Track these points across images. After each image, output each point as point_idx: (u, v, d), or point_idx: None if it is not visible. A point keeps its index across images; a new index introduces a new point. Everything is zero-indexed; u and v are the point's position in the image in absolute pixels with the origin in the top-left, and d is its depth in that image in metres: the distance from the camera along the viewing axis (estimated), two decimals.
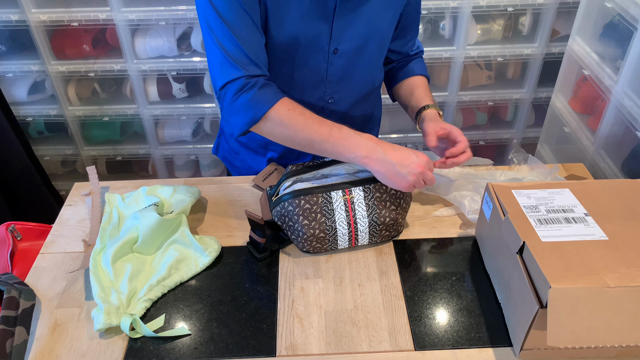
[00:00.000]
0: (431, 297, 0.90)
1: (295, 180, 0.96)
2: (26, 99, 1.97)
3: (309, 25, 0.97)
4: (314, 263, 0.96)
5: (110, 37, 1.89)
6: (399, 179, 0.90)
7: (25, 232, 1.06)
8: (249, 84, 0.92)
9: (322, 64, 1.04)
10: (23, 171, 1.89)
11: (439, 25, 1.91)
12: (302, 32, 0.98)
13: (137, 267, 0.92)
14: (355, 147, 0.91)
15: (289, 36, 0.98)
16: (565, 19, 1.90)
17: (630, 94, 1.30)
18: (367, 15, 1.00)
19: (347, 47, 1.03)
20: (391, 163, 0.90)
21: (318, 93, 1.08)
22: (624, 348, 0.76)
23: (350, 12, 0.98)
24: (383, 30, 1.05)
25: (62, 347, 0.82)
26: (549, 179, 1.10)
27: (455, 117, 2.13)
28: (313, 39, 0.99)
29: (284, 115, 0.92)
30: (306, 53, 1.01)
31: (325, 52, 1.02)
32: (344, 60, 1.04)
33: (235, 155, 1.27)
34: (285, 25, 0.96)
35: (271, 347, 0.82)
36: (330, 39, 1.00)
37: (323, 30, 0.99)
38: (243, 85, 0.92)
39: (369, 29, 1.02)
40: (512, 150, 1.20)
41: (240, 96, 0.93)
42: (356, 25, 1.00)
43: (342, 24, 0.99)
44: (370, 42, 1.04)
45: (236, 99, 0.93)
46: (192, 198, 1.04)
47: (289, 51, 1.00)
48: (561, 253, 0.75)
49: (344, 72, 1.06)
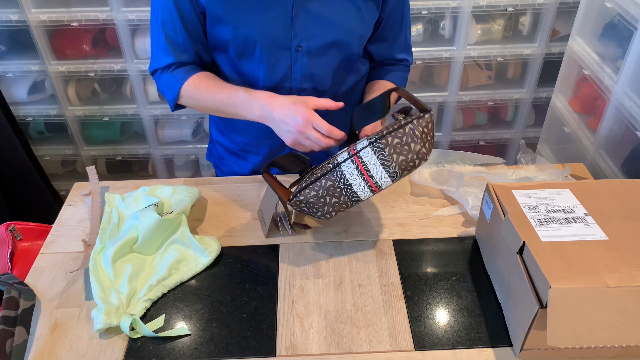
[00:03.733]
0: (431, 297, 0.90)
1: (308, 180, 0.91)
2: (26, 99, 1.97)
3: (268, 20, 0.98)
4: (314, 263, 0.96)
5: (110, 37, 1.89)
6: (285, 135, 0.94)
7: (25, 232, 1.06)
8: (170, 68, 1.04)
9: (285, 61, 1.04)
10: (23, 171, 1.89)
11: (439, 25, 1.91)
12: (261, 28, 0.99)
13: (137, 267, 0.92)
14: (251, 108, 0.97)
15: (249, 31, 0.99)
16: (565, 19, 1.90)
17: (630, 94, 1.30)
18: (332, 12, 0.99)
19: (311, 45, 1.02)
20: (275, 121, 0.94)
21: (284, 91, 1.08)
22: (624, 348, 0.76)
23: (311, 8, 0.98)
24: (353, 29, 1.04)
25: (62, 347, 0.82)
26: (560, 179, 1.10)
27: (455, 117, 2.13)
28: (272, 35, 1.00)
29: (192, 90, 1.03)
30: (267, 49, 1.02)
31: (287, 49, 1.02)
32: (309, 59, 1.04)
33: (222, 161, 1.28)
34: (243, 20, 0.97)
35: (271, 347, 0.82)
36: (291, 36, 1.00)
37: (283, 27, 0.99)
38: (164, 68, 1.05)
39: (335, 27, 1.01)
40: (520, 150, 1.20)
41: (161, 77, 1.06)
42: (320, 22, 1.00)
43: (303, 20, 0.99)
44: (338, 41, 1.03)
45: (159, 81, 1.07)
46: (192, 198, 1.04)
47: (250, 47, 1.01)
48: (561, 253, 0.75)
49: (310, 70, 1.06)
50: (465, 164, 1.16)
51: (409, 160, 0.83)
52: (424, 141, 0.83)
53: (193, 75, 1.03)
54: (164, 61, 1.05)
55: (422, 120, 0.83)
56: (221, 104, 1.01)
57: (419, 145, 0.82)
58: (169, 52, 1.04)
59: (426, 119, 0.83)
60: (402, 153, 0.83)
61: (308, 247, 1.00)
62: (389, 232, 1.03)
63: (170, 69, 1.05)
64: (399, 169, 0.83)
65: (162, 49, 1.04)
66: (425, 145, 0.83)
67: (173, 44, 1.03)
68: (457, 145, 2.20)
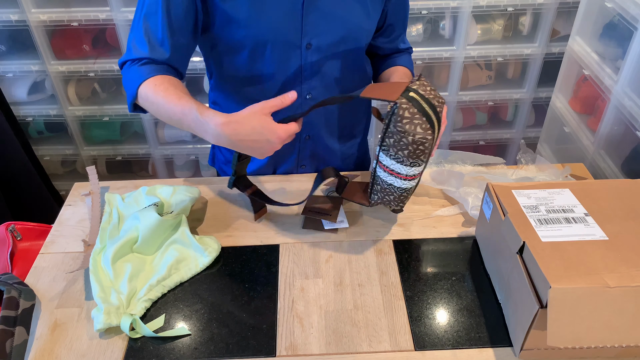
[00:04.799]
0: (431, 297, 0.90)
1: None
2: (26, 99, 1.97)
3: (278, 19, 0.97)
4: (314, 263, 0.96)
5: (110, 37, 1.89)
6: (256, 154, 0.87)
7: (25, 232, 1.06)
8: (139, 62, 0.96)
9: (296, 59, 1.03)
10: (23, 171, 1.89)
11: (439, 25, 1.91)
12: (271, 27, 0.98)
13: (137, 267, 0.92)
14: (204, 132, 0.87)
15: (259, 31, 0.98)
16: (565, 19, 1.90)
17: (630, 94, 1.30)
18: (340, 9, 0.99)
19: (321, 42, 1.02)
20: (238, 145, 0.86)
21: (294, 89, 1.07)
22: (624, 348, 0.76)
23: (321, 6, 0.98)
24: (361, 25, 1.04)
25: (62, 347, 0.82)
26: (560, 179, 1.10)
27: (455, 117, 2.13)
28: (283, 34, 0.99)
29: (150, 91, 0.92)
30: (278, 48, 1.01)
31: (298, 47, 1.02)
32: (319, 56, 1.04)
33: (229, 164, 1.27)
34: (254, 20, 0.97)
35: (271, 347, 0.82)
36: (302, 34, 1.00)
37: (293, 25, 0.99)
38: (134, 60, 0.97)
39: (344, 24, 1.02)
40: (520, 150, 1.20)
41: (128, 70, 0.97)
42: (329, 19, 1.00)
43: (313, 18, 0.98)
44: (346, 37, 1.03)
45: (125, 74, 0.97)
46: (192, 198, 1.04)
47: (261, 47, 1.01)
48: (561, 253, 0.75)
49: (320, 68, 1.06)
50: (465, 164, 1.16)
51: (413, 151, 0.84)
52: (414, 127, 0.82)
53: (157, 75, 0.94)
54: (136, 53, 0.96)
55: (396, 115, 0.83)
56: (175, 117, 0.90)
57: (410, 135, 0.83)
58: (143, 45, 0.96)
59: (398, 111, 0.83)
60: (402, 148, 0.85)
61: (308, 247, 1.00)
62: (389, 232, 1.03)
63: (140, 63, 0.96)
64: (412, 159, 0.86)
65: (138, 41, 0.96)
66: (417, 128, 0.82)
67: (151, 37, 0.96)
68: (457, 145, 2.20)
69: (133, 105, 0.98)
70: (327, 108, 1.13)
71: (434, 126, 0.84)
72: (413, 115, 0.82)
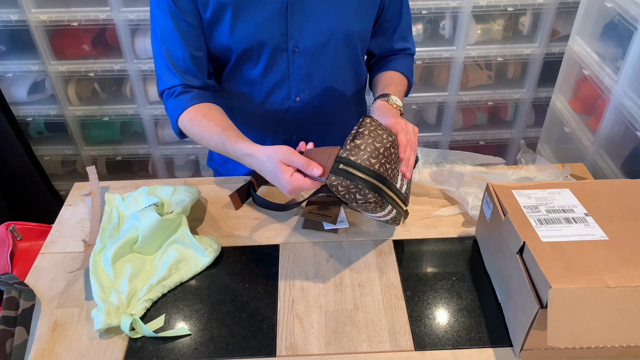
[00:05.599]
0: (431, 297, 0.90)
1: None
2: (26, 99, 1.97)
3: (263, 24, 0.97)
4: (314, 263, 0.96)
5: (110, 37, 1.89)
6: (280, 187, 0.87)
7: (25, 232, 1.06)
8: (174, 92, 1.01)
9: (283, 62, 1.03)
10: (23, 171, 1.89)
11: (439, 25, 1.91)
12: (256, 32, 0.98)
13: (137, 267, 0.92)
14: (236, 159, 0.93)
15: (244, 36, 0.98)
16: (565, 19, 1.90)
17: (630, 94, 1.30)
18: (326, 11, 0.99)
19: (307, 45, 1.02)
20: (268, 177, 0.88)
21: (283, 92, 1.08)
22: (624, 348, 0.76)
23: (306, 9, 0.97)
24: (350, 26, 1.03)
25: (62, 347, 0.82)
26: (560, 179, 1.10)
27: (455, 117, 2.13)
28: (269, 38, 0.99)
29: (186, 126, 1.00)
30: (264, 52, 1.01)
31: (284, 50, 1.02)
32: (307, 59, 1.04)
33: (223, 165, 1.28)
34: (240, 25, 0.97)
35: (271, 347, 0.82)
36: (287, 38, 1.00)
37: (278, 29, 0.98)
38: (169, 94, 1.02)
39: (331, 26, 1.01)
40: (520, 150, 1.20)
41: (167, 102, 1.03)
42: (315, 21, 0.99)
43: (298, 21, 0.98)
44: (334, 39, 1.03)
45: (166, 106, 1.04)
46: (192, 198, 1.04)
47: (247, 51, 1.01)
48: (561, 253, 0.75)
49: (307, 70, 1.05)
50: (465, 164, 1.16)
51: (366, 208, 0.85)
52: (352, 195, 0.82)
53: (190, 108, 0.99)
54: (169, 82, 1.01)
55: (334, 190, 0.82)
56: (214, 147, 0.97)
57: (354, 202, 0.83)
58: (172, 71, 1.00)
59: (332, 188, 0.82)
60: (358, 207, 0.86)
61: (308, 247, 1.00)
62: (389, 232, 1.03)
63: (175, 94, 1.01)
64: (372, 212, 0.88)
65: (165, 67, 1.01)
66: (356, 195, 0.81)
67: (174, 61, 1.00)
68: (457, 145, 2.21)
69: (180, 134, 1.05)
70: (318, 109, 1.13)
71: (379, 180, 0.82)
72: (348, 188, 0.81)
